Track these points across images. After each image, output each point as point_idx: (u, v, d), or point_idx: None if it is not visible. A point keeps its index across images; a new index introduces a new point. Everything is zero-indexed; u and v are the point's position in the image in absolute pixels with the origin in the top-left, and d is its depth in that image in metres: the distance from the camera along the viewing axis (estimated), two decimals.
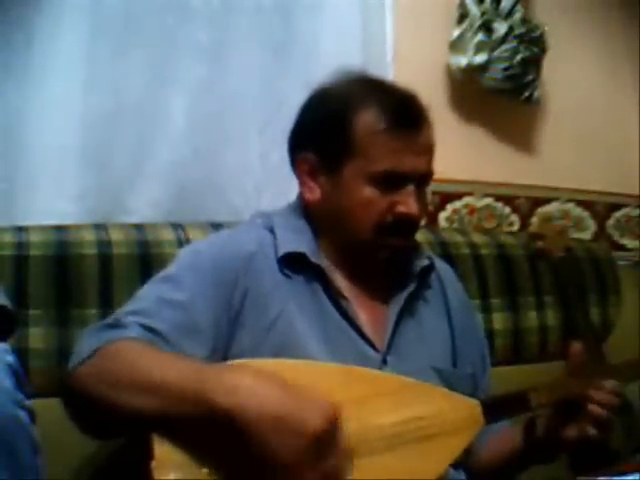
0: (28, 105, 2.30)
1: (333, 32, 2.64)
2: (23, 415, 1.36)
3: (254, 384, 1.38)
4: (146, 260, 2.12)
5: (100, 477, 1.94)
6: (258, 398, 1.36)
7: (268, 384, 1.38)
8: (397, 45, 2.75)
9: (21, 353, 1.84)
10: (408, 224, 1.78)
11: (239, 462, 1.38)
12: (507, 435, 1.89)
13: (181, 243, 2.14)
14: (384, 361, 1.77)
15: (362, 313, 1.80)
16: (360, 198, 1.76)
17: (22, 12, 2.28)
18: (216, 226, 2.22)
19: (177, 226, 2.23)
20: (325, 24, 2.64)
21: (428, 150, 1.79)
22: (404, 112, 1.77)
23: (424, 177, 1.79)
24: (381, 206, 1.75)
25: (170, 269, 1.76)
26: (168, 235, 2.19)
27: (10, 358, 1.40)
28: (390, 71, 2.67)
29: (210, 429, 1.38)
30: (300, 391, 1.39)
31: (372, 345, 1.78)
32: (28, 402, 1.40)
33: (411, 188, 1.76)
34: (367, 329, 1.79)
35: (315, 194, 1.82)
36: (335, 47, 2.62)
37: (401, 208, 1.75)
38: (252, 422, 1.34)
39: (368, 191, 1.75)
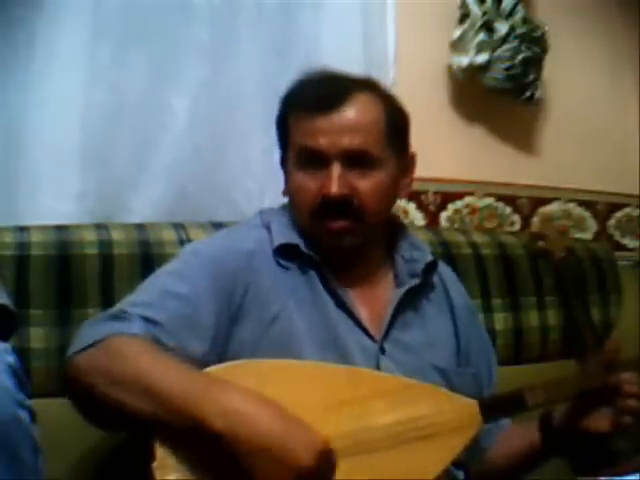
0: (29, 105, 2.29)
1: (334, 32, 2.64)
2: (24, 415, 1.36)
3: (248, 410, 1.40)
4: (147, 260, 2.12)
5: (100, 477, 1.94)
6: (250, 426, 1.38)
7: (262, 411, 1.40)
8: (398, 45, 2.75)
9: (22, 353, 1.84)
10: (334, 204, 1.75)
11: (229, 474, 1.41)
12: (520, 432, 1.90)
13: (183, 243, 2.13)
14: (381, 350, 1.78)
15: (360, 304, 1.82)
16: (294, 184, 1.81)
17: (23, 12, 2.28)
18: (218, 226, 2.22)
19: (179, 226, 2.23)
20: (326, 24, 2.64)
21: (350, 128, 1.76)
22: (317, 94, 1.79)
23: (352, 155, 1.76)
24: (311, 189, 1.77)
25: (172, 264, 1.79)
26: (169, 235, 2.19)
27: (11, 358, 1.39)
28: (392, 71, 2.66)
29: (197, 441, 1.42)
30: (294, 422, 1.41)
31: (369, 335, 1.79)
32: (29, 402, 1.39)
33: (334, 167, 1.75)
34: (364, 319, 1.80)
35: (285, 189, 1.88)
36: (336, 47, 2.62)
37: (324, 189, 1.75)
38: (241, 448, 1.37)
39: (298, 176, 1.79)
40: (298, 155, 1.78)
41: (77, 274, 2.08)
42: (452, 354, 1.90)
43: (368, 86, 1.84)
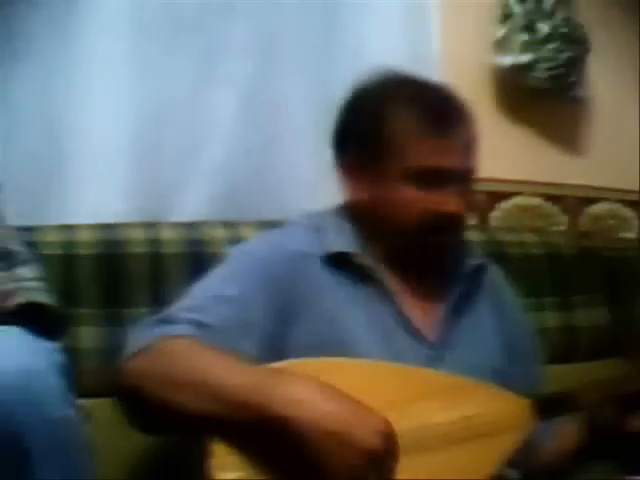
0: (73, 103, 2.30)
1: (378, 31, 2.63)
2: (74, 415, 1.36)
3: (310, 396, 1.41)
4: (198, 259, 2.11)
5: (152, 477, 1.95)
6: (313, 411, 1.39)
7: (325, 396, 1.42)
8: (442, 44, 2.74)
9: (70, 353, 1.81)
10: (450, 222, 1.76)
11: (291, 467, 1.41)
12: (569, 431, 1.86)
13: (233, 242, 2.10)
14: (436, 357, 1.77)
15: (412, 311, 1.80)
16: (401, 198, 1.75)
17: (64, 9, 2.30)
18: (268, 224, 2.19)
19: (229, 224, 2.23)
20: (370, 23, 2.64)
21: (467, 147, 1.78)
22: (440, 110, 1.77)
23: (465, 174, 1.78)
24: (422, 206, 1.74)
25: (222, 267, 1.77)
26: (220, 233, 2.19)
27: (60, 358, 1.40)
28: (436, 71, 2.64)
29: (261, 434, 1.41)
30: (357, 406, 1.42)
31: (423, 341, 1.77)
32: (78, 402, 1.39)
33: (452, 186, 1.74)
34: (418, 326, 1.78)
35: (359, 194, 1.82)
36: (381, 46, 2.61)
37: (443, 207, 1.74)
38: (306, 435, 1.38)
39: (409, 191, 1.74)
40: (414, 172, 1.73)
41: (126, 273, 2.09)
42: (502, 354, 1.89)
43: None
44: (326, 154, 1.88)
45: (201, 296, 1.69)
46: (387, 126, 1.76)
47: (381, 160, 1.77)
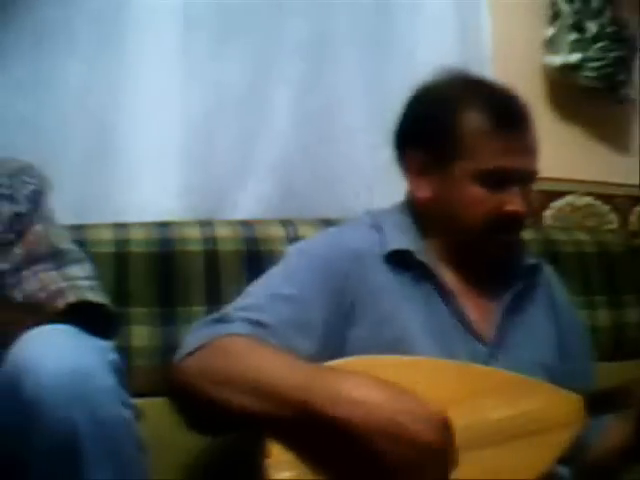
0: (124, 101, 2.31)
1: (431, 31, 2.64)
2: (128, 414, 1.34)
3: (360, 393, 1.40)
4: (254, 257, 2.12)
5: (207, 476, 1.95)
6: (364, 408, 1.38)
7: (375, 392, 1.41)
8: (494, 44, 2.74)
9: (125, 352, 1.84)
10: (514, 222, 1.79)
11: (348, 465, 1.41)
12: (619, 428, 1.84)
13: (291, 240, 2.11)
14: (492, 356, 1.77)
15: (470, 309, 1.81)
16: (469, 197, 1.77)
17: (111, 6, 2.30)
18: (327, 223, 2.19)
19: (287, 223, 2.23)
20: (423, 23, 2.64)
21: (532, 149, 1.81)
22: (509, 112, 1.79)
23: (529, 176, 1.81)
24: (489, 205, 1.76)
25: (280, 266, 1.78)
26: (278, 232, 2.19)
27: (114, 357, 1.38)
28: (488, 70, 2.64)
29: (315, 433, 1.41)
30: (408, 398, 1.42)
31: (481, 340, 1.78)
32: (132, 401, 1.38)
33: (517, 186, 1.77)
34: (476, 324, 1.79)
35: (424, 192, 1.83)
36: (433, 46, 2.61)
37: (509, 207, 1.76)
38: (358, 432, 1.37)
39: (476, 190, 1.76)
40: (482, 172, 1.76)
41: (181, 272, 2.08)
42: (555, 351, 1.89)
43: None
44: (382, 152, 1.90)
45: (259, 295, 1.69)
46: (457, 126, 1.78)
47: (450, 159, 1.79)
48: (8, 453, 1.29)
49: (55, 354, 1.28)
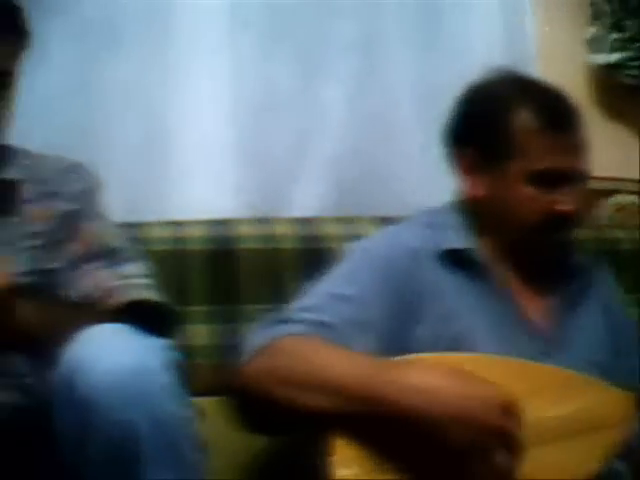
0: (173, 99, 2.34)
1: (478, 29, 2.63)
2: (186, 413, 1.34)
3: (426, 382, 1.42)
4: (313, 255, 2.10)
5: (268, 475, 1.94)
6: (434, 395, 1.40)
7: (446, 379, 1.43)
8: (539, 43, 2.74)
9: (183, 350, 1.82)
10: (566, 221, 1.79)
11: (414, 456, 1.43)
12: None
13: (350, 238, 2.07)
14: (548, 353, 1.76)
15: (526, 307, 1.82)
16: (520, 197, 1.79)
17: (156, 6, 2.33)
18: (386, 220, 2.18)
19: (346, 220, 2.23)
20: (471, 22, 2.64)
21: (582, 149, 1.82)
22: (560, 112, 1.81)
23: (580, 175, 1.81)
24: (540, 205, 1.77)
25: (340, 266, 1.78)
26: (336, 229, 2.19)
27: (172, 355, 1.37)
28: (534, 69, 2.62)
29: (385, 426, 1.42)
30: (473, 382, 1.44)
31: (537, 337, 1.79)
32: (191, 400, 1.38)
33: (568, 186, 1.78)
34: (533, 321, 1.80)
35: (477, 191, 1.84)
36: (480, 45, 2.61)
37: (560, 206, 1.77)
38: (426, 421, 1.39)
39: (528, 190, 1.78)
40: (535, 173, 1.76)
41: (239, 269, 2.08)
42: (609, 350, 1.88)
43: None
44: (437, 149, 1.89)
45: (321, 295, 1.69)
46: (509, 126, 1.80)
47: (502, 159, 1.80)
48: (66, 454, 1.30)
49: (109, 354, 1.28)
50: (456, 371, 1.44)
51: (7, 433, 1.47)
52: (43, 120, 2.17)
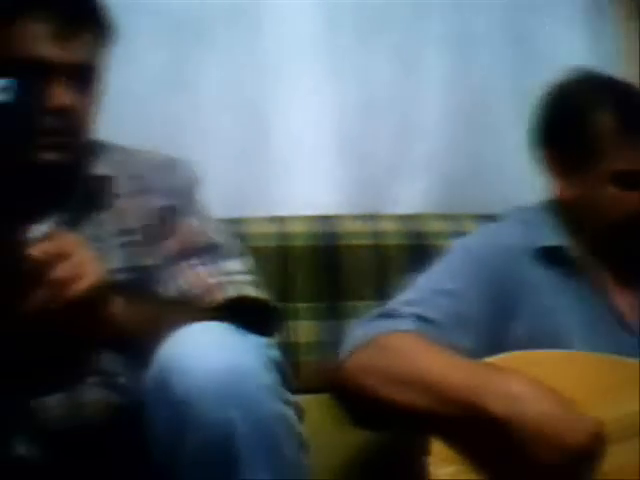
0: (273, 97, 2.35)
1: (563, 31, 2.61)
2: (288, 412, 1.31)
3: (525, 394, 1.44)
4: (418, 251, 2.11)
5: (370, 473, 1.94)
6: (526, 408, 1.42)
7: (538, 395, 1.45)
8: (623, 44, 2.69)
9: (289, 348, 1.87)
10: None
11: (501, 464, 1.45)
12: None
13: (455, 234, 2.08)
14: None
15: (620, 304, 1.83)
16: (607, 198, 1.80)
17: (248, 3, 2.34)
18: (489, 218, 2.14)
19: (450, 217, 2.23)
20: (554, 22, 2.61)
21: None
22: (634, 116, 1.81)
23: None
24: (626, 205, 1.79)
25: (442, 261, 1.79)
26: (441, 226, 2.19)
27: (274, 353, 1.35)
28: (618, 70, 2.54)
29: (475, 431, 1.45)
30: (568, 406, 1.45)
31: (631, 331, 1.78)
32: (294, 398, 1.35)
33: None
34: (627, 317, 1.81)
35: (566, 192, 1.85)
36: (566, 46, 2.58)
37: None
38: (517, 431, 1.41)
39: (614, 191, 1.79)
40: (620, 174, 1.78)
41: (346, 266, 2.09)
42: None
43: None
44: (532, 147, 1.91)
45: (422, 289, 1.71)
46: (593, 127, 1.80)
47: (588, 161, 1.81)
48: (159, 454, 1.28)
49: (205, 353, 1.26)
50: (552, 392, 1.45)
51: (100, 431, 1.47)
52: (138, 119, 2.19)
